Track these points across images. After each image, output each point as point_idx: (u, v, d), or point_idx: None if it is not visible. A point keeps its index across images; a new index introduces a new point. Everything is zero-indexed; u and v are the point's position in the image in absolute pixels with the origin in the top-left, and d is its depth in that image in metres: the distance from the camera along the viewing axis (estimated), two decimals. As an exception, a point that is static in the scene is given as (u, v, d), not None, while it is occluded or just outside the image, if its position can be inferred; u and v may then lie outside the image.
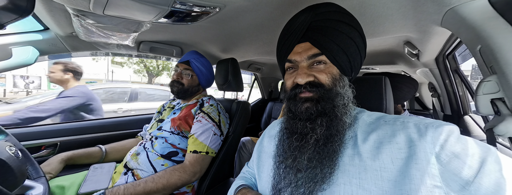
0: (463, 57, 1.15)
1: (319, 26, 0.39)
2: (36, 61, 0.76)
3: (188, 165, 0.76)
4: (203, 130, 0.81)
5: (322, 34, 0.39)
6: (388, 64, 1.52)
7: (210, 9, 0.65)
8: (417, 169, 0.31)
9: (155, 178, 0.69)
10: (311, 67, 0.40)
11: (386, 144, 0.35)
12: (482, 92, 0.43)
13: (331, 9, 0.41)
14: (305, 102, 0.39)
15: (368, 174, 0.34)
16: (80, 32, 0.71)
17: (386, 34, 0.82)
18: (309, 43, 0.40)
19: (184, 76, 0.93)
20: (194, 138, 0.80)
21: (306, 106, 0.38)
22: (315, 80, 0.39)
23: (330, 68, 0.40)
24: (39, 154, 0.90)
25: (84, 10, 0.54)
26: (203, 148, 0.79)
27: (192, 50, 0.97)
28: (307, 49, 0.40)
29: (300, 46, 0.41)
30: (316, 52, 0.39)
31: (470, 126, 1.11)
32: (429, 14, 0.56)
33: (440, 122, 0.34)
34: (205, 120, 0.84)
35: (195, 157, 0.77)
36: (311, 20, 0.40)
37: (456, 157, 0.30)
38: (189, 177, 0.74)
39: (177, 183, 0.71)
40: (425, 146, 0.32)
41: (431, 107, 2.03)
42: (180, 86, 0.92)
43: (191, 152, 0.78)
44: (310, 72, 0.39)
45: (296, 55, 0.41)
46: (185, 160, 0.78)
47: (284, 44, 0.43)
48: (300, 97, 0.39)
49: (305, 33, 0.40)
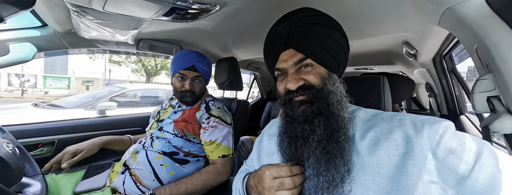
0: (460, 58, 1.17)
1: (299, 32, 0.41)
2: (33, 58, 0.75)
3: (220, 167, 0.81)
4: (223, 135, 0.84)
5: (302, 39, 0.40)
6: (386, 64, 1.54)
7: (210, 6, 0.65)
8: (413, 165, 0.32)
9: (194, 181, 0.74)
10: (299, 71, 0.41)
11: (383, 140, 0.36)
12: (478, 90, 0.44)
13: (306, 13, 0.42)
14: (301, 105, 0.40)
15: (365, 170, 0.35)
16: (79, 28, 0.70)
17: (385, 34, 0.83)
18: (292, 50, 0.41)
19: (196, 84, 0.88)
20: (217, 144, 0.82)
21: (302, 109, 0.39)
22: (305, 83, 0.40)
23: (318, 69, 0.41)
24: (36, 152, 0.89)
25: (84, 6, 0.54)
26: (229, 151, 0.84)
27: (189, 51, 0.88)
28: (291, 56, 0.41)
29: (284, 54, 0.42)
30: (301, 57, 0.40)
31: (466, 126, 1.12)
32: (427, 14, 0.57)
33: (435, 119, 0.35)
34: (220, 125, 0.85)
35: (225, 160, 0.83)
36: (290, 27, 0.41)
37: (452, 152, 0.31)
38: (222, 177, 0.81)
39: (213, 183, 0.78)
40: (422, 142, 0.32)
41: (428, 107, 2.05)
42: (193, 95, 0.87)
43: (220, 157, 0.82)
44: (299, 76, 0.40)
45: (283, 63, 0.42)
46: (215, 163, 0.82)
47: (270, 54, 0.45)
48: (295, 101, 0.40)
49: (287, 41, 0.41)
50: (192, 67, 0.86)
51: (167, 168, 0.77)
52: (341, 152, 0.37)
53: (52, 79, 15.75)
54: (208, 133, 0.83)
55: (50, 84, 15.44)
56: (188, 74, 0.86)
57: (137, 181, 0.73)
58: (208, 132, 0.83)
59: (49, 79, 15.58)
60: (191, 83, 0.87)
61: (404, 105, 2.28)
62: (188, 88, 0.86)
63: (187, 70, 0.86)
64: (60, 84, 16.13)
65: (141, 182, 0.73)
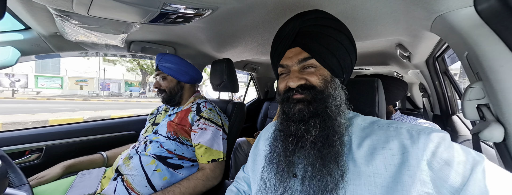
0: (452, 59, 1.19)
1: (308, 32, 0.41)
2: (17, 62, 0.72)
3: (209, 172, 0.79)
4: (213, 138, 0.82)
5: (310, 38, 0.40)
6: (381, 65, 1.55)
7: (202, 10, 0.63)
8: (409, 175, 0.32)
9: (182, 188, 0.72)
10: (302, 71, 0.41)
11: (379, 150, 0.36)
12: (468, 97, 0.44)
13: (318, 15, 0.43)
14: (298, 103, 0.39)
15: (361, 180, 0.35)
16: (65, 32, 0.68)
17: (378, 37, 0.83)
18: (299, 48, 0.41)
19: (160, 82, 0.91)
20: (206, 147, 0.80)
21: (299, 108, 0.39)
22: (306, 83, 0.40)
23: (321, 71, 0.41)
24: (23, 159, 0.87)
25: (67, 10, 0.51)
26: (219, 155, 0.82)
27: (158, 54, 0.93)
28: (297, 54, 0.41)
29: (290, 51, 0.42)
30: (306, 56, 0.40)
31: (457, 125, 1.15)
32: (419, 20, 0.57)
33: (431, 129, 0.35)
34: (210, 127, 0.83)
35: (214, 164, 0.81)
36: (300, 26, 0.41)
37: (447, 164, 0.30)
38: (212, 183, 0.79)
39: (202, 190, 0.77)
40: (417, 152, 0.32)
41: (421, 106, 2.09)
42: (164, 93, 0.90)
43: (210, 162, 0.80)
44: (301, 75, 0.40)
45: (287, 60, 0.42)
46: (204, 168, 0.80)
47: (276, 50, 0.45)
48: (293, 99, 0.40)
49: (295, 39, 0.41)
50: (156, 68, 0.92)
51: (160, 173, 0.76)
52: (336, 157, 0.36)
53: (44, 78, 15.36)
54: (197, 136, 0.81)
55: (42, 84, 15.05)
56: (156, 74, 0.93)
57: (129, 187, 0.72)
58: (197, 135, 0.81)
59: (41, 78, 15.19)
60: (156, 82, 0.92)
61: (398, 105, 2.31)
62: (154, 87, 0.92)
63: (156, 71, 0.93)
64: (53, 83, 15.75)
65: (133, 189, 0.72)
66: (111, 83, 17.35)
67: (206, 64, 1.39)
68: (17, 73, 14.29)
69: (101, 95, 16.29)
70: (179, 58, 0.93)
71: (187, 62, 0.94)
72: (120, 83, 17.70)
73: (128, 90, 17.94)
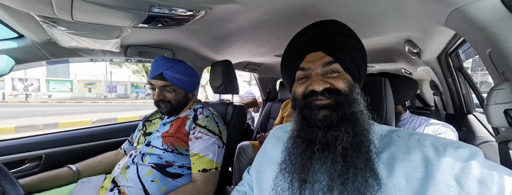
0: (467, 54, 1.10)
1: (329, 38, 0.41)
2: (11, 71, 0.71)
3: (200, 185, 0.73)
4: (207, 146, 0.77)
5: (333, 44, 0.40)
6: (388, 62, 1.47)
7: (195, 12, 0.60)
8: (434, 191, 0.29)
9: None
10: (324, 75, 0.40)
11: (399, 161, 0.34)
12: (493, 101, 0.39)
13: (338, 24, 0.43)
14: (322, 109, 0.37)
15: (382, 193, 0.32)
16: (56, 39, 0.66)
17: (385, 33, 0.77)
18: (321, 52, 0.40)
19: (167, 94, 0.81)
20: (200, 156, 0.75)
21: (324, 114, 0.36)
22: (331, 87, 0.38)
23: (344, 75, 0.40)
24: (21, 168, 0.86)
25: (51, 16, 0.49)
26: (212, 165, 0.76)
27: (159, 57, 0.81)
28: (320, 57, 0.40)
29: (312, 55, 0.41)
30: (330, 59, 0.39)
31: (474, 125, 1.06)
32: (431, 14, 0.51)
33: (460, 143, 0.32)
34: (206, 135, 0.79)
35: (206, 176, 0.74)
36: (321, 33, 0.41)
37: (481, 182, 0.28)
38: None
39: None
40: (444, 166, 0.30)
41: (432, 104, 1.98)
42: (169, 105, 0.81)
43: (200, 172, 0.74)
44: (325, 79, 0.39)
45: (309, 63, 0.40)
46: (195, 179, 0.75)
47: (294, 54, 0.43)
48: (316, 104, 0.38)
49: (316, 44, 0.41)
50: (160, 76, 0.78)
51: (158, 184, 0.73)
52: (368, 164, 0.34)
53: (55, 82, 15.93)
54: (192, 144, 0.78)
55: (53, 88, 15.62)
56: (155, 83, 0.79)
57: (126, 199, 0.70)
58: (192, 143, 0.78)
59: (52, 82, 15.76)
60: (160, 93, 0.80)
61: (407, 103, 2.21)
62: (157, 99, 0.80)
63: (155, 79, 0.79)
64: (63, 87, 16.31)
65: (130, 200, 0.70)
66: (117, 85, 17.75)
67: (205, 66, 1.36)
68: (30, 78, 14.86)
69: (109, 97, 16.73)
70: (191, 68, 0.85)
71: (195, 70, 0.87)
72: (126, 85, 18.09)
73: (134, 91, 18.33)
